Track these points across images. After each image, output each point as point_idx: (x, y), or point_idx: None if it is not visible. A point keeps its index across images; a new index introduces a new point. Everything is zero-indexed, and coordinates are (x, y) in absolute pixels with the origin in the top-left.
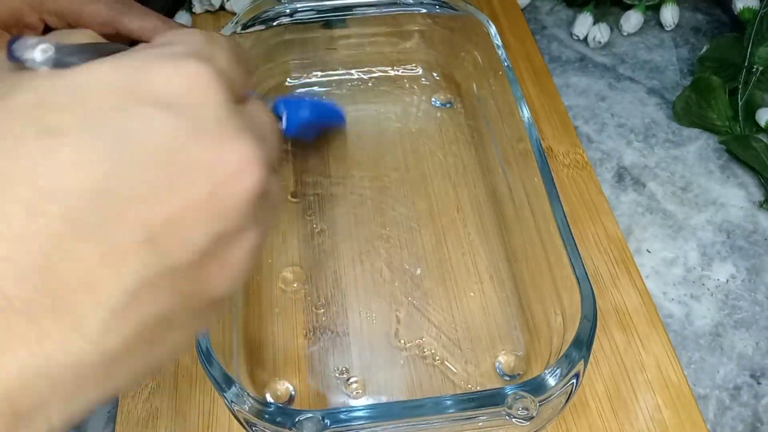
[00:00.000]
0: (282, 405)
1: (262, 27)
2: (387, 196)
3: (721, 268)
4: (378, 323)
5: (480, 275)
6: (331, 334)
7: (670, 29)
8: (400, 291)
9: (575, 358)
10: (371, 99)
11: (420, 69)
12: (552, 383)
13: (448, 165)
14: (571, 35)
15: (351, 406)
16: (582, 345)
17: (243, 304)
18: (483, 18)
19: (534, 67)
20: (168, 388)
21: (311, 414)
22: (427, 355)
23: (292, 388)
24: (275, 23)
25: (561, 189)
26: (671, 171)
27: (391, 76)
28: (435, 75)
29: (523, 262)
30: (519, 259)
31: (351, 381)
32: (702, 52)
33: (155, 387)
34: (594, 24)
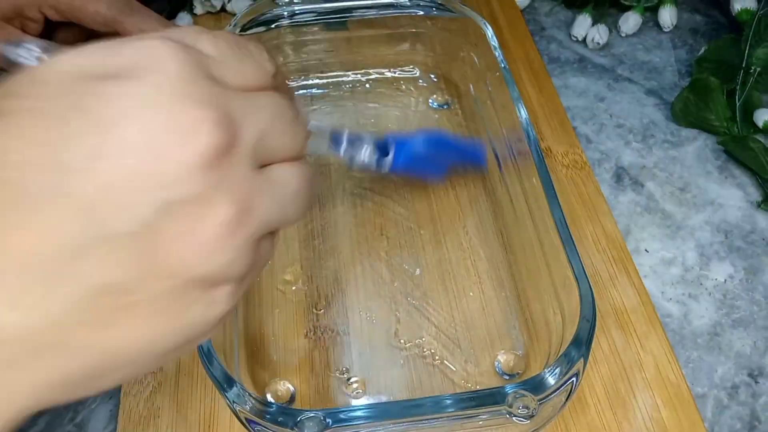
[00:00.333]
0: (283, 405)
1: (261, 29)
2: (386, 196)
3: (719, 267)
4: (378, 323)
5: (479, 275)
6: (332, 333)
7: (668, 30)
8: (399, 291)
9: (574, 357)
10: (369, 101)
11: (417, 71)
12: (552, 382)
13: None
14: (570, 36)
15: (352, 405)
16: (581, 344)
17: (243, 304)
18: (480, 20)
19: (533, 68)
20: (169, 387)
21: (312, 413)
22: (427, 355)
23: (292, 387)
24: (274, 25)
25: (559, 189)
26: (669, 171)
27: (389, 77)
28: (432, 77)
29: (522, 261)
30: (518, 259)
31: (351, 380)
32: (700, 53)
33: (156, 386)
34: (593, 25)
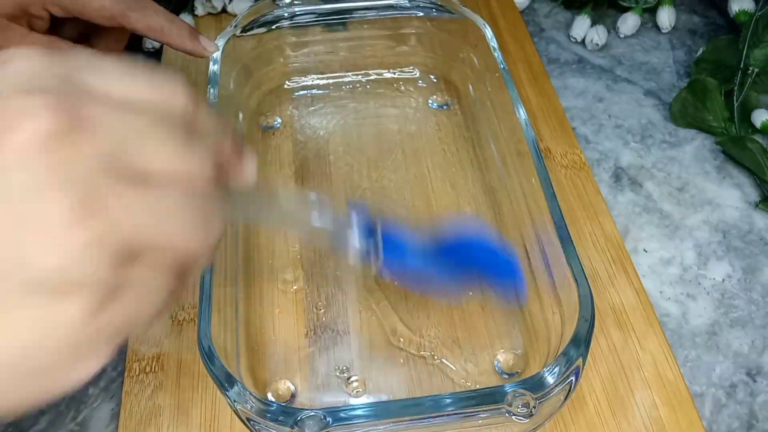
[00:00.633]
0: (284, 404)
1: (261, 30)
2: (386, 197)
3: (717, 267)
4: (378, 322)
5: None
6: (332, 333)
7: (666, 31)
8: (399, 290)
9: (573, 356)
10: (369, 101)
11: (417, 71)
12: (551, 381)
13: (446, 166)
14: (569, 37)
15: (352, 404)
16: (580, 343)
17: (244, 304)
18: (479, 21)
19: (532, 69)
20: (171, 386)
21: (313, 412)
22: (427, 354)
23: (293, 387)
24: (274, 26)
25: (559, 189)
26: (668, 171)
27: (389, 78)
28: (432, 77)
29: (521, 260)
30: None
31: (351, 380)
32: (698, 54)
33: (158, 385)
34: (591, 26)
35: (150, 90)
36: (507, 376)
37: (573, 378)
